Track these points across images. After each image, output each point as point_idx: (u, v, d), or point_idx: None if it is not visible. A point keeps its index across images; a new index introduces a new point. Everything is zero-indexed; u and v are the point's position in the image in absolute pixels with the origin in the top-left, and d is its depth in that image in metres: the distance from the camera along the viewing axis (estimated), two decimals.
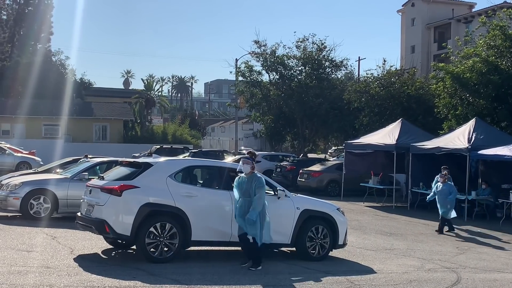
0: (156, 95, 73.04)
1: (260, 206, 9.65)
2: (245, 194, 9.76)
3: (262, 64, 40.56)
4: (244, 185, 9.78)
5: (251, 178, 9.78)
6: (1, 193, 14.63)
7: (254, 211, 9.58)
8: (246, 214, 9.66)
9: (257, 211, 9.60)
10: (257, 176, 9.85)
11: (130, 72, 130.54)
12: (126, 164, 10.89)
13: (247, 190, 9.73)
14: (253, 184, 9.69)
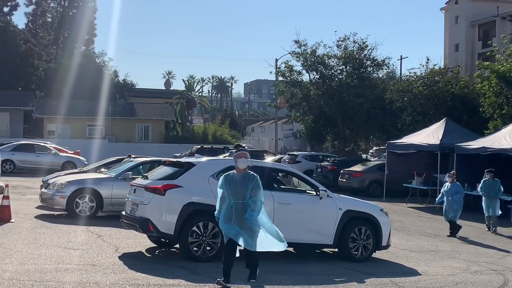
0: (196, 96, 73.66)
1: (259, 209, 8.33)
2: (237, 196, 8.28)
3: (302, 64, 40.39)
4: (236, 184, 8.31)
5: (245, 177, 8.35)
6: (47, 192, 14.97)
7: (254, 213, 8.25)
8: (238, 219, 8.23)
9: (257, 213, 8.28)
10: (252, 175, 8.39)
11: (171, 73, 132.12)
12: (169, 164, 11.02)
13: (241, 191, 8.27)
14: (250, 184, 8.28)
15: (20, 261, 8.87)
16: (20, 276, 7.90)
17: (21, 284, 7.47)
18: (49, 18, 72.12)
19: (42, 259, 9.16)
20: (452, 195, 15.59)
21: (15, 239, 10.91)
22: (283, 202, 10.40)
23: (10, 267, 8.38)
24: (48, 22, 71.61)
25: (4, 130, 47.89)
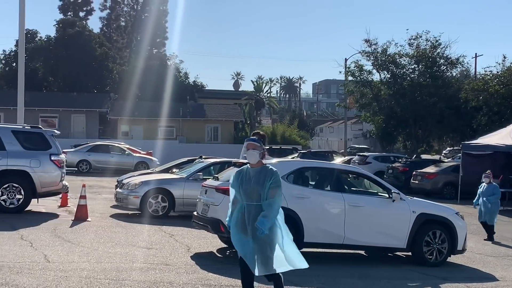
0: (265, 96, 74.03)
1: (275, 213, 6.49)
2: (250, 196, 6.55)
3: (373, 63, 39.78)
4: (249, 182, 6.59)
5: (261, 172, 6.58)
6: (122, 192, 15.38)
7: (267, 220, 6.37)
8: (252, 226, 6.46)
9: (271, 220, 6.41)
10: (271, 170, 6.61)
11: (239, 74, 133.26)
12: (240, 165, 11.06)
13: (255, 189, 6.53)
14: (266, 181, 6.51)
15: (97, 260, 9.14)
16: (97, 274, 8.14)
17: (98, 282, 7.68)
18: (122, 22, 74.26)
19: (118, 258, 9.41)
20: (488, 196, 14.96)
21: (92, 237, 11.26)
22: (354, 205, 10.27)
23: (88, 265, 8.65)
24: (121, 26, 73.74)
25: (80, 131, 49.73)
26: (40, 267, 8.28)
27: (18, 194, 13.91)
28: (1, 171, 13.85)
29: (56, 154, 14.42)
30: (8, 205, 13.82)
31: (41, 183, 14.12)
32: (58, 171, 14.43)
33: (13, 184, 13.86)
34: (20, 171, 14.03)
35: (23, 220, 12.83)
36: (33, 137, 14.65)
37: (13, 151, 14.01)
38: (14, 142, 14.11)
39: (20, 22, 24.00)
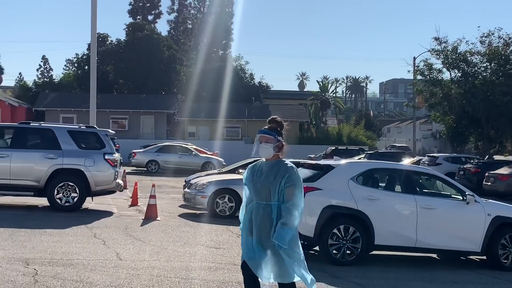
0: (330, 97, 73.41)
1: (297, 220, 5.37)
2: (259, 194, 5.47)
3: (443, 62, 38.77)
4: (259, 178, 5.50)
5: (274, 167, 5.48)
6: (190, 192, 15.57)
7: (286, 229, 5.26)
8: (261, 230, 5.40)
9: (292, 229, 5.32)
10: (285, 165, 5.47)
11: (304, 74, 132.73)
12: (308, 166, 11.04)
13: (264, 186, 5.43)
14: (279, 178, 5.39)
15: (167, 258, 9.27)
16: (167, 273, 8.25)
17: (169, 281, 7.78)
18: (189, 25, 75.44)
19: (187, 257, 9.51)
20: None
21: (161, 236, 11.44)
22: (427, 207, 9.99)
23: (158, 264, 8.78)
24: (188, 28, 74.93)
25: (149, 132, 50.88)
26: (112, 264, 8.48)
27: (73, 192, 14.31)
28: (57, 170, 14.24)
29: (110, 153, 14.66)
30: (64, 203, 14.24)
31: (95, 181, 14.45)
32: (112, 170, 14.62)
33: (68, 182, 14.24)
34: (75, 170, 14.38)
35: (95, 219, 13.20)
36: (88, 136, 15.03)
37: (68, 151, 14.38)
38: (70, 142, 14.48)
39: (92, 27, 24.76)
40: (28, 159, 14.22)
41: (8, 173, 14.02)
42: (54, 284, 7.13)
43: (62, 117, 49.28)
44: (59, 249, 9.38)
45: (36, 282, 7.15)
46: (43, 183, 14.12)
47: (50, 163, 14.14)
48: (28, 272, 7.63)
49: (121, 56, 59.03)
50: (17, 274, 7.47)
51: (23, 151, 14.32)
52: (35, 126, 15.27)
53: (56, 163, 14.19)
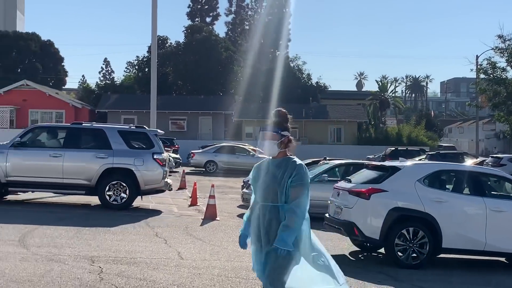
0: (390, 96, 72.33)
1: (300, 221, 4.84)
2: (264, 194, 5.02)
3: (507, 60, 37.55)
4: (265, 177, 5.07)
5: (281, 164, 5.03)
6: (249, 192, 15.52)
7: (288, 233, 4.76)
8: (270, 235, 4.90)
9: (295, 232, 4.79)
10: (293, 162, 5.00)
11: (363, 74, 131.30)
12: (373, 167, 10.88)
13: (270, 186, 4.98)
14: (285, 177, 4.93)
15: (227, 258, 9.31)
16: (227, 272, 8.28)
17: (230, 281, 7.81)
18: (246, 26, 75.91)
19: (247, 257, 9.50)
20: None
21: (221, 236, 11.51)
22: (496, 209, 9.65)
23: (219, 264, 8.83)
24: (245, 29, 75.42)
25: (207, 133, 51.43)
26: (174, 263, 8.58)
27: (123, 191, 14.55)
28: (108, 169, 14.51)
29: (159, 153, 14.80)
30: (114, 201, 14.51)
31: (144, 181, 14.61)
32: (160, 169, 14.72)
33: (118, 181, 14.49)
34: (125, 169, 14.60)
35: (156, 218, 13.43)
36: (138, 136, 15.25)
37: (118, 150, 14.62)
38: (120, 142, 14.72)
39: (153, 30, 25.22)
40: (80, 158, 14.55)
41: (61, 172, 14.39)
42: (119, 282, 7.27)
43: (123, 118, 50.44)
44: (122, 247, 9.57)
45: (101, 279, 7.31)
46: (94, 182, 14.42)
47: (101, 162, 14.43)
48: (93, 269, 7.81)
49: (180, 58, 59.94)
50: (83, 271, 7.66)
51: (76, 151, 14.66)
52: (87, 126, 15.68)
53: (107, 162, 14.47)
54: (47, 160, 14.43)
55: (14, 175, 14.33)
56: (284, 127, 5.10)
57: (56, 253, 8.73)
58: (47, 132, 15.52)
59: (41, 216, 12.73)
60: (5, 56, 78.08)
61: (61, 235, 10.37)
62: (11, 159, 14.35)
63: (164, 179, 14.92)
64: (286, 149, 5.08)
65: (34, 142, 14.94)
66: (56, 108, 49.87)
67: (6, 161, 14.30)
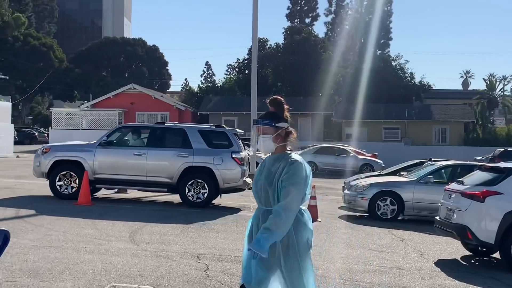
0: (498, 95, 68.96)
1: (284, 226, 4.10)
2: (260, 197, 4.38)
3: None
4: (261, 175, 4.39)
5: (275, 162, 4.36)
6: (350, 193, 15.45)
7: (266, 236, 4.05)
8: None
9: (274, 236, 4.08)
10: (287, 158, 4.31)
11: (469, 72, 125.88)
12: (486, 169, 10.43)
13: (262, 187, 4.33)
14: (278, 177, 4.24)
15: (330, 260, 9.25)
16: (331, 274, 8.23)
17: (334, 282, 7.75)
18: (346, 25, 75.15)
19: (350, 259, 9.42)
20: None
21: (323, 238, 11.45)
22: None
23: (322, 265, 8.79)
24: (345, 29, 74.68)
25: (306, 134, 51.36)
26: None
27: (202, 189, 14.83)
28: (188, 167, 14.84)
29: (237, 152, 14.91)
30: (195, 199, 14.81)
31: (223, 179, 14.80)
32: (239, 168, 14.82)
33: (198, 180, 14.80)
34: (205, 167, 14.86)
35: None
36: (217, 136, 15.47)
37: (198, 149, 14.94)
38: (200, 141, 15.03)
39: (253, 32, 25.54)
40: (162, 157, 14.97)
41: (144, 170, 14.89)
42: (224, 279, 7.42)
43: (224, 120, 51.45)
44: (226, 245, 9.76)
45: (207, 276, 7.49)
46: (175, 180, 14.79)
47: (182, 161, 14.80)
48: (200, 266, 8.02)
49: (279, 59, 60.34)
50: (190, 268, 7.88)
51: (158, 149, 15.10)
52: (169, 126, 16.14)
53: (187, 161, 14.84)
54: (132, 158, 15.02)
55: (101, 172, 15.01)
56: (279, 118, 4.40)
57: (164, 250, 9.04)
58: (131, 131, 16.13)
59: (148, 214, 13.23)
60: (114, 61, 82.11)
61: (168, 232, 10.73)
62: (98, 158, 15.04)
63: (242, 177, 15.10)
64: (285, 143, 4.40)
65: (119, 141, 15.57)
66: (161, 110, 51.72)
67: (94, 159, 15.02)
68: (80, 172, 14.75)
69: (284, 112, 4.46)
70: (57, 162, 15.11)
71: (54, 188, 15.00)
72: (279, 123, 4.39)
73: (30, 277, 6.93)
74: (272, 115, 4.41)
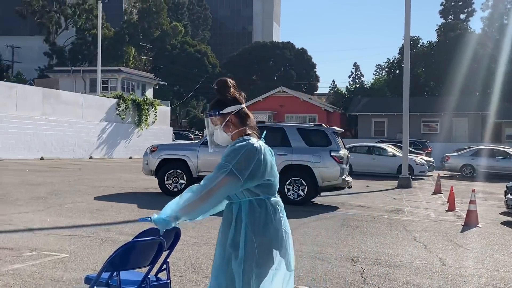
0: None
1: (191, 198, 3.45)
2: None
3: None
4: None
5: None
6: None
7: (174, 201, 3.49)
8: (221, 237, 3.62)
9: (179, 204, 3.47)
10: (231, 146, 3.60)
11: None
12: None
13: None
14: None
15: (493, 268, 8.71)
16: (496, 282, 7.73)
17: None
18: (505, 20, 70.62)
19: None
20: None
21: (484, 244, 10.83)
22: None
23: (485, 273, 8.30)
24: (504, 24, 70.20)
25: (462, 135, 49.02)
26: (436, 269, 8.29)
27: (301, 187, 14.95)
28: (287, 165, 14.93)
29: (336, 151, 14.98)
30: (297, 198, 14.90)
31: (321, 177, 14.88)
32: (338, 167, 14.88)
33: (296, 177, 14.91)
34: (303, 165, 14.94)
35: (413, 223, 13.18)
36: (316, 134, 15.40)
37: (297, 148, 15.07)
38: (299, 139, 15.16)
39: (406, 31, 24.88)
40: None
41: None
42: (382, 283, 7.26)
43: (373, 121, 50.67)
44: (381, 249, 9.57)
45: (364, 280, 7.39)
46: None
47: (281, 159, 14.87)
48: (355, 269, 7.94)
49: (432, 57, 58.24)
50: (346, 271, 7.83)
51: None
52: (268, 125, 16.26)
53: (286, 159, 14.97)
54: None
55: (204, 170, 15.53)
56: (224, 104, 3.67)
57: (318, 251, 9.07)
58: None
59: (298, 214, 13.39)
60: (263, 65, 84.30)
61: (320, 234, 10.76)
62: (201, 156, 15.60)
63: (342, 176, 15.06)
64: (240, 129, 3.68)
65: None
66: (309, 112, 52.15)
67: (198, 157, 15.61)
68: (185, 170, 15.64)
69: (229, 94, 3.67)
70: (164, 160, 15.97)
71: (163, 186, 15.92)
72: (225, 109, 3.66)
73: (194, 273, 7.28)
74: (215, 102, 3.69)
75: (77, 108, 33.62)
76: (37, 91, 31.57)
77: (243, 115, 3.69)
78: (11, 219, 10.59)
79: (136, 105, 38.84)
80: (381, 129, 50.41)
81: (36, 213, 11.42)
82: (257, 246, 3.44)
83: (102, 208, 12.57)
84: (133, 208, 12.92)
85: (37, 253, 7.80)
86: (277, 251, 3.51)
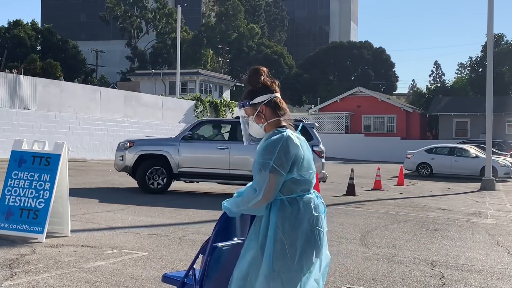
0: None
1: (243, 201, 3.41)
2: None
3: None
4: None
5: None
6: None
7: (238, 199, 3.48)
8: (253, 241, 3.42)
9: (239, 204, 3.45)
10: (267, 138, 3.46)
11: None
12: None
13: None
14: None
15: None
16: None
17: None
18: None
19: None
20: None
21: None
22: None
23: None
24: None
25: None
26: None
27: None
28: None
29: (317, 145, 15.30)
30: None
31: None
32: (320, 161, 15.22)
33: None
34: None
35: (497, 226, 12.69)
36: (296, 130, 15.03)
37: None
38: None
39: (488, 28, 23.99)
40: (245, 151, 14.99)
41: (227, 164, 15.23)
42: None
43: (455, 122, 49.19)
44: (462, 254, 9.26)
45: (443, 285, 7.18)
46: None
47: None
48: (434, 274, 7.72)
49: None
50: (424, 275, 7.63)
51: (241, 143, 14.96)
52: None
53: None
54: (215, 152, 15.36)
55: (185, 166, 15.43)
56: (255, 93, 3.53)
57: (396, 254, 8.90)
58: (212, 126, 16.52)
59: (380, 216, 13.17)
60: (340, 65, 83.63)
61: (398, 237, 10.55)
62: (182, 151, 15.49)
63: (323, 170, 15.43)
64: (275, 119, 3.54)
65: (201, 136, 16.00)
66: (387, 113, 51.24)
67: (178, 153, 15.48)
68: (165, 166, 15.39)
69: (260, 82, 3.52)
70: (142, 156, 15.61)
71: (144, 184, 15.41)
72: (255, 98, 3.52)
73: None
74: (246, 92, 3.57)
75: (156, 110, 34.56)
76: (119, 94, 32.71)
77: (275, 105, 3.55)
78: (94, 217, 11.02)
79: (213, 107, 39.49)
80: (463, 129, 48.81)
81: (117, 212, 11.83)
82: (288, 248, 3.25)
83: (180, 208, 12.86)
84: (208, 206, 13.14)
85: (118, 251, 8.06)
86: (311, 253, 3.33)
